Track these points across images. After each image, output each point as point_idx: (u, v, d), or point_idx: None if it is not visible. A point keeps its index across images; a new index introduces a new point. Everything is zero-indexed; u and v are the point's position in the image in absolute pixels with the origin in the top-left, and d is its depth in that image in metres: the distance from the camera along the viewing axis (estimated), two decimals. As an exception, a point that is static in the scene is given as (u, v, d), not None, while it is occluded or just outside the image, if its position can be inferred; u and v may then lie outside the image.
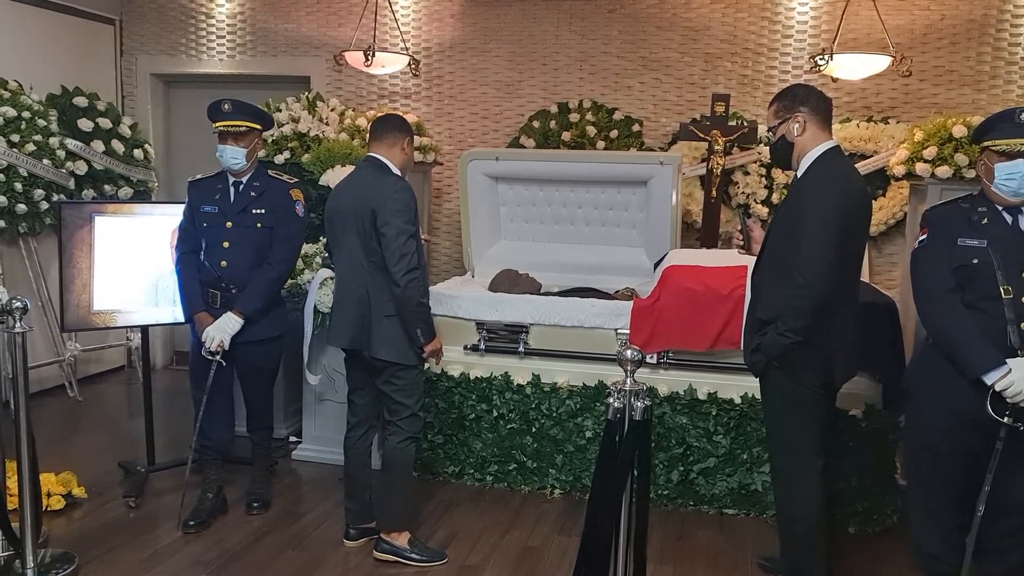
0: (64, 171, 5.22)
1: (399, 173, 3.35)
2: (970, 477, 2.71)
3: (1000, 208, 2.70)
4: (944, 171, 4.30)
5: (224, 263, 3.61)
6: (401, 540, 3.41)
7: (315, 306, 4.17)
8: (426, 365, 3.51)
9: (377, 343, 3.29)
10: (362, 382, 3.46)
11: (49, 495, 3.71)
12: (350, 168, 4.84)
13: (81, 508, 3.83)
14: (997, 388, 2.56)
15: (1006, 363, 2.56)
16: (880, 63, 4.63)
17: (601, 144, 5.41)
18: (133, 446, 4.48)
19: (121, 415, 5.34)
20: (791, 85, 3.06)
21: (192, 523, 3.62)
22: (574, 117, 5.48)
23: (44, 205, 5.10)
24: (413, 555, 3.39)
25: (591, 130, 5.42)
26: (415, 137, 5.40)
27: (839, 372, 2.97)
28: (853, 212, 2.86)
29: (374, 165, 3.37)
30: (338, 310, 3.43)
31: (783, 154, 3.04)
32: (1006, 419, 2.57)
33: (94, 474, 4.11)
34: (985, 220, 2.69)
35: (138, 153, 5.76)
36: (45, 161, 5.06)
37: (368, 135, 3.51)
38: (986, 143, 2.70)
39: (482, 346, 4.26)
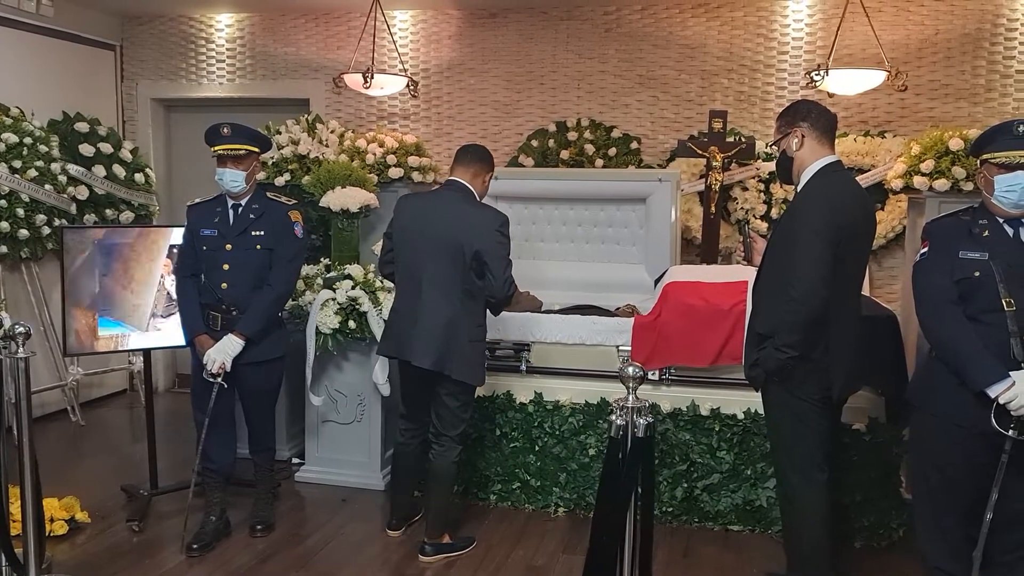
0: (66, 196, 5.24)
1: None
2: (977, 489, 2.70)
3: (1001, 220, 2.70)
4: (942, 184, 4.32)
5: (224, 285, 3.61)
6: (446, 539, 3.66)
7: (316, 327, 4.17)
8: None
9: (457, 365, 3.44)
10: (418, 395, 3.61)
11: (52, 520, 3.69)
12: (351, 189, 4.90)
13: (84, 533, 3.82)
14: (1001, 401, 2.56)
15: (1009, 376, 2.56)
16: (876, 78, 4.66)
17: (600, 162, 5.42)
18: (136, 470, 4.47)
19: (124, 439, 5.33)
20: (795, 101, 3.10)
21: (196, 546, 3.61)
22: (572, 135, 5.50)
23: (46, 230, 5.12)
24: (457, 545, 3.67)
25: (589, 148, 5.44)
26: (418, 158, 5.45)
27: (838, 386, 2.96)
28: (848, 226, 2.87)
29: (462, 192, 3.53)
30: (417, 330, 3.44)
31: (784, 169, 3.09)
32: (1011, 432, 2.57)
33: (97, 498, 4.10)
34: (986, 233, 2.69)
35: (139, 177, 5.78)
36: (47, 187, 5.08)
37: (455, 159, 3.63)
38: (985, 155, 2.70)
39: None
